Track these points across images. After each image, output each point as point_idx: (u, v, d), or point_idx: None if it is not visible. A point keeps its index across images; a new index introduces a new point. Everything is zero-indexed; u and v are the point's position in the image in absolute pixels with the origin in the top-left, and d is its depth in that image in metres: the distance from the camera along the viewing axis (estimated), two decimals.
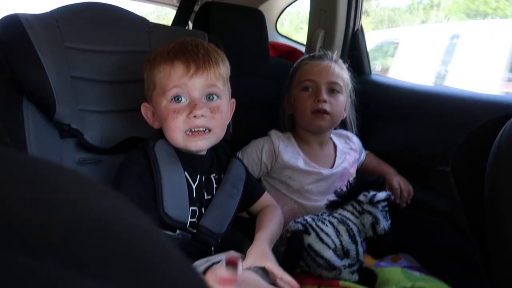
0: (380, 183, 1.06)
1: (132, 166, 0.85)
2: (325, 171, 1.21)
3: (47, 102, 0.88)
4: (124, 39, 1.04)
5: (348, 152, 1.29)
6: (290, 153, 1.21)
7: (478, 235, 0.61)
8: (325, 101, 1.17)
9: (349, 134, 1.34)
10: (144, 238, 0.16)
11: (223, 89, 0.88)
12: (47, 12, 0.98)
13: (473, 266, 1.04)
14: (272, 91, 1.46)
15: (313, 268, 0.98)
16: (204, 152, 0.90)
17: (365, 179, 1.10)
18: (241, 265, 0.73)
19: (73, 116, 0.94)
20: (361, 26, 1.60)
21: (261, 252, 0.81)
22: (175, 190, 0.84)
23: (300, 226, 1.01)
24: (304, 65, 1.26)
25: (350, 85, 1.27)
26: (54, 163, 0.17)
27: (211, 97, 0.86)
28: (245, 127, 1.22)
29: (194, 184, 0.87)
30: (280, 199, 1.18)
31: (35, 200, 0.14)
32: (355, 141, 1.34)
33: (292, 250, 0.96)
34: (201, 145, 0.85)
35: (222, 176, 0.93)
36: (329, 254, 0.96)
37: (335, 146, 1.29)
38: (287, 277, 0.79)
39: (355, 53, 1.58)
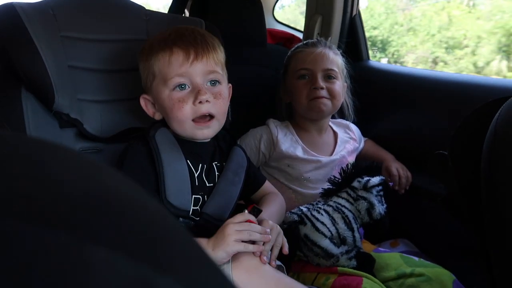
0: (373, 168, 1.07)
1: (132, 155, 0.84)
2: (324, 159, 1.21)
3: (46, 92, 0.88)
4: (121, 27, 1.03)
5: (348, 141, 1.29)
6: (289, 142, 1.21)
7: (475, 218, 0.62)
8: (322, 88, 1.17)
9: (349, 123, 1.34)
10: (150, 211, 0.17)
11: (222, 73, 0.88)
12: (42, 1, 0.97)
13: (470, 250, 1.05)
14: (270, 78, 1.46)
15: (311, 257, 0.99)
16: (207, 140, 0.90)
17: (358, 165, 1.10)
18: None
19: (72, 105, 0.94)
20: (359, 11, 1.59)
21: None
22: (177, 179, 0.84)
23: (295, 217, 1.01)
24: (298, 53, 1.25)
25: (345, 71, 1.26)
26: (63, 145, 0.18)
27: (212, 82, 0.85)
28: (243, 114, 1.22)
29: (196, 173, 0.88)
30: (278, 188, 1.19)
31: (48, 177, 0.15)
32: (355, 130, 1.34)
33: (288, 241, 0.97)
34: (207, 133, 0.86)
35: (223, 164, 0.93)
36: (325, 243, 0.97)
37: (335, 134, 1.29)
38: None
39: (352, 39, 1.57)
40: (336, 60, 1.23)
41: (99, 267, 0.12)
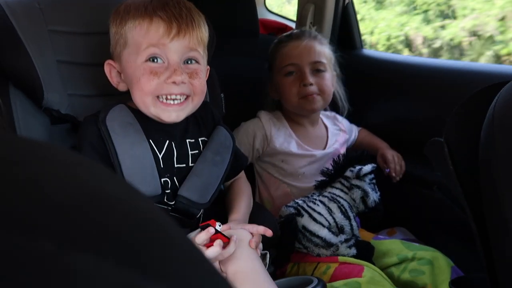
0: (364, 157, 1.08)
1: (86, 135, 0.78)
2: (318, 153, 1.20)
3: (34, 89, 0.86)
4: (109, 19, 1.01)
5: (337, 133, 1.28)
6: (282, 137, 1.18)
7: (472, 204, 0.62)
8: (311, 84, 1.14)
9: (336, 115, 1.32)
10: (140, 212, 0.16)
11: (203, 54, 0.81)
12: None
13: (467, 237, 1.06)
14: (262, 69, 1.44)
15: (311, 248, 0.99)
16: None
17: (350, 155, 1.11)
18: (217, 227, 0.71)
19: (62, 101, 0.93)
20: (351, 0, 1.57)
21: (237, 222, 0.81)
22: (137, 166, 0.76)
23: (292, 210, 1.02)
24: (282, 48, 1.19)
25: (333, 60, 1.23)
26: (41, 141, 0.17)
27: (189, 61, 0.79)
28: (235, 105, 1.21)
29: (160, 154, 0.80)
30: (273, 183, 1.18)
31: (28, 180, 0.14)
32: (342, 121, 1.33)
33: (287, 234, 0.97)
34: (175, 116, 0.77)
35: (200, 140, 0.86)
36: (324, 232, 0.98)
37: (326, 127, 1.28)
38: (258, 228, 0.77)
39: (346, 27, 1.56)
40: (323, 50, 1.18)
41: (87, 275, 0.12)
